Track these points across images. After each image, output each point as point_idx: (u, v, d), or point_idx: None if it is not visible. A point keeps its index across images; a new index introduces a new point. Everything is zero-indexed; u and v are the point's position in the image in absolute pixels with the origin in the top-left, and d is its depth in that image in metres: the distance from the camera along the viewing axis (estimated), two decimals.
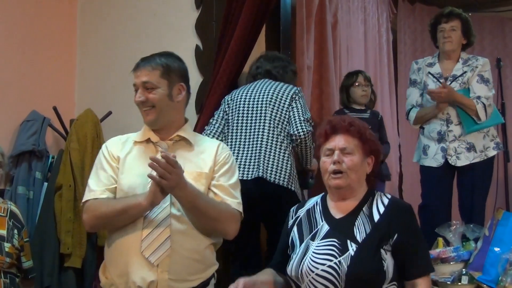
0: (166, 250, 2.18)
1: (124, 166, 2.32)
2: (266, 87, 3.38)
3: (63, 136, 3.98)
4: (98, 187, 2.30)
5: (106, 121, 3.94)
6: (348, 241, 2.09)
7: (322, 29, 4.89)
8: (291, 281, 2.20)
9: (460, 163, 3.64)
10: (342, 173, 2.18)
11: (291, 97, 3.32)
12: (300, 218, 2.31)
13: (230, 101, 3.42)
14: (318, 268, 2.07)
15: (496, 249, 2.84)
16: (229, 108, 3.40)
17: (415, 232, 2.18)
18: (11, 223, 3.05)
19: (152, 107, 2.33)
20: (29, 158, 3.78)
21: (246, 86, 3.46)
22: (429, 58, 3.91)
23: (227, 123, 3.38)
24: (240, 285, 2.07)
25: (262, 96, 3.33)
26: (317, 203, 2.32)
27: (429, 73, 3.79)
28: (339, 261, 2.05)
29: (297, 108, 3.30)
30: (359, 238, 2.10)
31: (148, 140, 2.38)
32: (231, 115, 3.37)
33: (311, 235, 2.20)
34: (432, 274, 2.79)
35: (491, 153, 3.68)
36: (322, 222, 2.21)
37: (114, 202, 2.25)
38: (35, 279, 3.32)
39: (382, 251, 2.08)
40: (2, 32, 3.87)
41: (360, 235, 2.11)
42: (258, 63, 3.55)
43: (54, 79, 4.19)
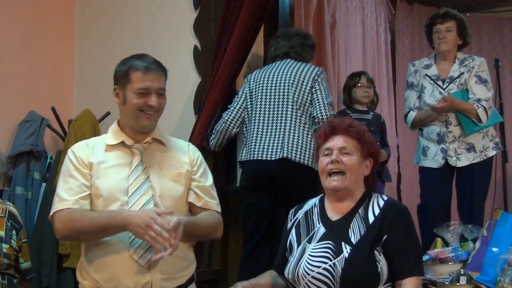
0: (154, 252, 2.16)
1: (100, 171, 2.26)
2: (288, 68, 3.43)
3: (61, 137, 3.98)
4: (69, 196, 2.21)
5: (104, 121, 3.94)
6: (342, 243, 2.09)
7: (320, 29, 4.88)
8: (289, 283, 2.21)
9: (460, 164, 3.64)
10: (340, 173, 2.17)
11: (313, 79, 3.38)
12: (298, 220, 2.31)
13: (252, 81, 3.49)
14: (313, 271, 2.08)
15: (494, 249, 2.84)
16: (249, 89, 3.47)
17: (405, 233, 2.14)
18: (9, 224, 3.05)
19: (155, 112, 2.31)
20: (27, 159, 3.78)
21: (268, 67, 3.51)
22: (425, 59, 3.91)
23: (250, 103, 3.45)
24: None
25: (285, 78, 3.39)
26: (315, 205, 2.32)
27: (426, 75, 3.79)
28: (334, 263, 2.06)
29: (320, 90, 3.37)
30: (353, 240, 2.10)
31: (123, 143, 2.33)
32: (254, 96, 3.44)
33: (308, 237, 2.20)
34: (430, 274, 2.81)
35: (491, 153, 3.68)
36: (319, 224, 2.21)
37: (92, 217, 2.17)
38: (33, 280, 3.31)
39: (376, 252, 2.08)
40: (0, 32, 3.86)
41: (354, 237, 2.11)
42: (275, 44, 3.57)
43: (52, 80, 4.19)
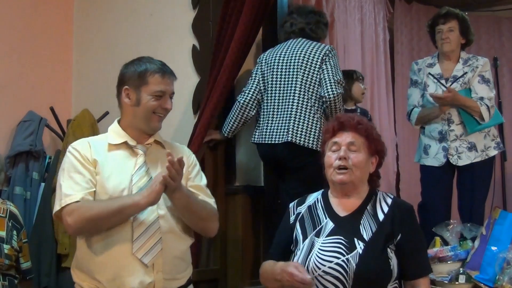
0: (159, 251, 2.19)
1: (104, 170, 2.27)
2: (299, 47, 3.47)
3: (60, 137, 3.98)
4: (76, 191, 2.20)
5: (103, 121, 3.94)
6: (355, 239, 2.11)
7: None
8: None
9: (461, 163, 3.64)
10: (347, 169, 2.18)
11: (322, 58, 3.40)
12: (301, 214, 2.30)
13: (264, 63, 3.54)
14: (325, 266, 2.08)
15: (493, 248, 2.85)
16: (261, 70, 3.53)
17: (417, 232, 2.21)
18: (10, 224, 3.04)
19: (164, 115, 2.37)
20: (26, 159, 3.78)
21: (280, 46, 3.55)
22: (428, 58, 3.91)
23: (264, 85, 3.51)
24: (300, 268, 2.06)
25: (294, 58, 3.43)
26: (318, 199, 2.32)
27: (429, 73, 3.79)
28: (347, 258, 2.07)
29: (328, 69, 3.38)
30: (365, 237, 2.11)
31: (125, 143, 2.35)
32: (266, 78, 3.51)
33: (315, 231, 2.20)
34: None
35: (492, 152, 3.68)
36: (326, 219, 2.22)
37: (107, 202, 2.20)
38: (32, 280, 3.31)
39: (388, 250, 2.11)
40: None
41: (366, 234, 2.12)
42: (291, 20, 3.59)
43: (51, 80, 4.19)
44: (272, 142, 3.40)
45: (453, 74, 3.73)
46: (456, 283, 2.83)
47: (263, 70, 3.52)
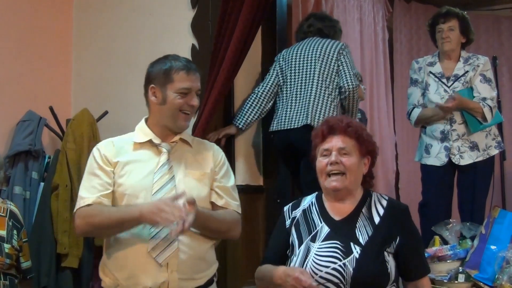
0: (173, 251, 2.19)
1: (126, 168, 2.29)
2: (315, 44, 3.68)
3: (59, 136, 3.97)
4: (90, 193, 2.25)
5: (102, 121, 3.94)
6: (351, 243, 2.09)
7: None
8: None
9: (463, 162, 3.64)
10: (339, 173, 2.16)
11: (338, 52, 3.61)
12: (296, 219, 2.29)
13: (282, 59, 3.74)
14: (322, 271, 2.07)
15: (493, 247, 2.86)
16: (280, 66, 3.72)
17: (415, 233, 2.21)
18: (10, 224, 3.04)
19: (192, 113, 2.37)
20: (25, 158, 3.77)
21: (297, 45, 3.76)
22: (429, 57, 3.91)
23: (283, 80, 3.68)
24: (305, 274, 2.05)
25: (312, 53, 3.63)
26: (312, 203, 2.30)
27: (430, 72, 3.79)
28: (344, 263, 2.05)
29: (345, 62, 3.61)
30: (362, 241, 2.10)
31: (150, 141, 2.36)
32: (284, 73, 3.68)
33: (310, 236, 2.19)
34: None
35: (493, 152, 3.69)
36: (321, 223, 2.20)
37: (109, 212, 2.22)
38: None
39: (385, 253, 2.09)
40: None
41: (363, 238, 2.11)
42: (309, 22, 3.83)
43: (50, 79, 4.18)
44: (290, 127, 3.51)
45: (454, 73, 3.73)
46: (456, 282, 2.84)
47: (281, 65, 3.71)
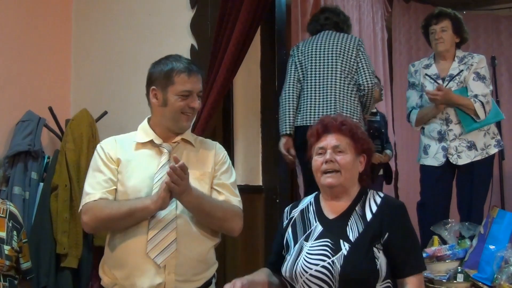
0: (172, 252, 2.19)
1: (128, 168, 2.30)
2: (334, 38, 3.76)
3: (58, 136, 3.97)
4: (96, 190, 2.26)
5: (101, 121, 3.94)
6: (341, 240, 2.09)
7: None
8: (286, 281, 2.20)
9: (461, 162, 3.64)
10: (334, 171, 2.17)
11: (357, 48, 3.72)
12: (294, 219, 2.30)
13: (300, 53, 3.79)
14: (311, 269, 2.07)
15: (491, 247, 2.85)
16: (299, 60, 3.78)
17: (406, 230, 2.16)
18: (10, 225, 3.03)
19: (193, 114, 2.36)
20: (24, 159, 3.77)
21: (315, 37, 3.83)
22: (425, 59, 3.92)
23: (302, 73, 3.74)
24: (237, 285, 2.07)
25: (332, 47, 3.71)
26: (310, 203, 2.32)
27: (426, 74, 3.80)
28: (332, 261, 2.05)
29: (364, 59, 3.73)
30: (351, 238, 2.10)
31: (152, 142, 2.36)
32: (304, 67, 3.74)
33: (304, 235, 2.20)
34: (427, 272, 2.82)
35: (492, 150, 3.68)
36: (316, 223, 2.21)
37: (119, 204, 2.23)
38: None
39: (375, 249, 2.08)
40: None
41: (352, 235, 2.10)
42: (326, 15, 3.93)
43: (50, 79, 4.18)
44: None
45: (449, 73, 3.74)
46: (454, 282, 2.84)
47: (300, 59, 3.77)
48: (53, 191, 3.63)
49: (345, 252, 2.06)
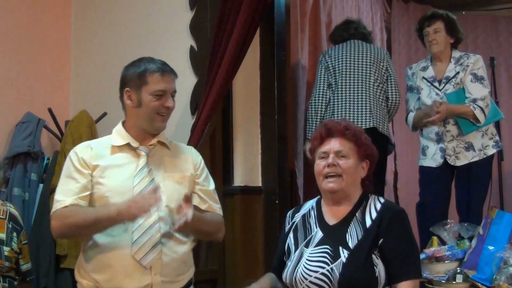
0: (157, 253, 2.20)
1: (105, 172, 2.28)
2: (365, 48, 3.94)
3: (58, 138, 3.98)
4: (67, 196, 2.23)
5: (101, 122, 3.94)
6: (340, 248, 2.09)
7: (316, 28, 4.89)
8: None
9: (459, 163, 3.64)
10: (336, 175, 2.16)
11: (387, 60, 3.96)
12: (296, 224, 2.30)
13: (333, 58, 3.93)
14: (311, 276, 2.07)
15: (491, 247, 2.85)
16: (332, 64, 3.91)
17: (402, 235, 2.13)
18: (10, 226, 3.04)
19: (168, 114, 2.36)
20: (24, 160, 3.77)
21: (345, 45, 3.98)
22: (423, 61, 3.93)
23: (334, 78, 3.88)
24: None
25: (365, 56, 3.88)
26: (312, 207, 2.31)
27: (423, 77, 3.80)
28: (331, 268, 2.05)
29: (393, 73, 3.94)
30: (351, 245, 2.09)
31: (128, 145, 2.34)
32: (337, 72, 3.88)
33: (305, 241, 2.19)
34: (427, 273, 2.82)
35: (491, 151, 3.68)
36: (316, 228, 2.20)
37: (85, 212, 2.21)
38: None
39: (374, 256, 2.07)
40: None
41: (352, 242, 2.10)
42: (354, 25, 4.09)
43: (49, 81, 4.18)
44: None
45: (445, 75, 3.74)
46: (453, 282, 2.84)
47: (333, 64, 3.90)
48: (52, 192, 3.61)
49: (344, 260, 2.05)
